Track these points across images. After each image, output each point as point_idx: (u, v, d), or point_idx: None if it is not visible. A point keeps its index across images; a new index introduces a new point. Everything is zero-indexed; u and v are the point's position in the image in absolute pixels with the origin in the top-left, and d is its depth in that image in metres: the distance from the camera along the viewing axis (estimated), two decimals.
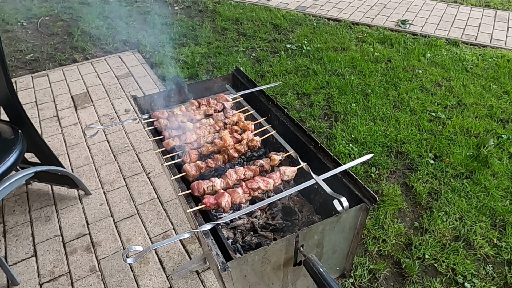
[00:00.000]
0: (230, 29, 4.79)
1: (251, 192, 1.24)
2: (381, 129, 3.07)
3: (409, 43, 4.36)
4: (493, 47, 4.29)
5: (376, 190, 2.53)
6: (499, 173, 2.62)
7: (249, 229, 1.45)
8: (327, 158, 1.34)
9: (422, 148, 2.86)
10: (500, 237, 2.22)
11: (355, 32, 4.67)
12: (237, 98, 1.72)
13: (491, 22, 4.86)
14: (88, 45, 4.47)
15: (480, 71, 3.81)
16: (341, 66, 3.90)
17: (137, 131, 3.12)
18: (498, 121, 3.15)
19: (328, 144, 2.96)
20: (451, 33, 4.60)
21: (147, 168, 2.75)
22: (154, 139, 1.52)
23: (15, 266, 2.09)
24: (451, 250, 2.14)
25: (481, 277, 2.02)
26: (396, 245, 2.20)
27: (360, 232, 1.25)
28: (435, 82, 3.68)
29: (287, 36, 4.61)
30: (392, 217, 2.34)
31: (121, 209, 2.43)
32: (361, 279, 2.02)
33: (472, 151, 2.81)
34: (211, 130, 1.55)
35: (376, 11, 5.22)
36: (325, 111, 3.35)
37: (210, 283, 2.00)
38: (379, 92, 3.51)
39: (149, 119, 1.61)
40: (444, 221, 2.30)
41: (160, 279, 2.01)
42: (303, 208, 1.55)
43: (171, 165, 1.37)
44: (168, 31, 4.72)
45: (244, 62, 4.04)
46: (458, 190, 2.50)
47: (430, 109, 3.29)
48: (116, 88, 3.72)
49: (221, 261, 0.97)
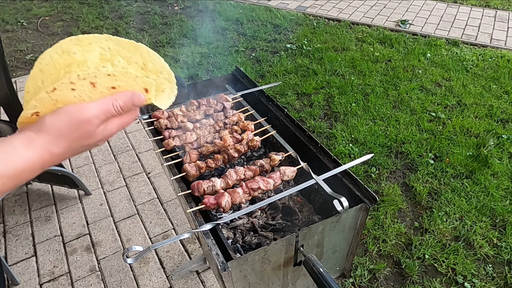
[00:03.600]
0: (230, 29, 4.79)
1: (251, 192, 1.23)
2: (381, 129, 3.07)
3: (409, 43, 4.36)
4: (493, 47, 4.29)
5: (376, 190, 2.53)
6: (499, 173, 2.62)
7: (249, 229, 1.45)
8: (327, 158, 1.34)
9: (422, 148, 2.86)
10: (500, 237, 2.22)
11: (355, 32, 4.67)
12: (237, 98, 1.72)
13: (491, 22, 4.86)
14: None
15: (480, 71, 3.81)
16: (341, 66, 3.90)
17: (137, 131, 3.12)
18: (498, 121, 3.15)
19: (328, 144, 2.96)
20: (451, 33, 4.60)
21: (147, 168, 2.75)
22: (154, 139, 1.52)
23: (15, 266, 2.09)
24: (451, 250, 2.14)
25: (481, 277, 2.02)
26: (396, 245, 2.20)
27: (360, 232, 1.25)
28: (435, 82, 3.68)
29: (287, 36, 4.61)
30: (392, 217, 2.34)
31: (121, 209, 2.43)
32: (361, 279, 2.02)
33: (472, 151, 2.81)
34: (211, 130, 1.55)
35: (376, 11, 5.22)
36: (325, 111, 3.35)
37: (210, 283, 1.99)
38: (379, 92, 3.51)
39: (149, 119, 1.61)
40: (444, 221, 2.30)
41: (160, 279, 2.01)
42: (303, 208, 1.55)
43: (171, 165, 1.37)
44: (168, 31, 4.72)
45: (244, 62, 4.04)
46: (458, 190, 2.50)
47: (430, 109, 3.29)
48: None
49: (221, 261, 0.97)
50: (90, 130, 0.54)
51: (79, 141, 0.55)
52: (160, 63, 0.63)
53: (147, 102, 0.61)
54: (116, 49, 0.60)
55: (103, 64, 0.60)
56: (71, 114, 0.53)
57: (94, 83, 0.55)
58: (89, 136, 0.55)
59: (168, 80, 0.64)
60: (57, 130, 0.52)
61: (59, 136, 0.52)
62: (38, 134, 0.52)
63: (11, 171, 0.49)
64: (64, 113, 0.53)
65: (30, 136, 0.52)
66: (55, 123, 0.52)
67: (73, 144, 0.54)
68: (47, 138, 0.52)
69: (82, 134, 0.54)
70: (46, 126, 0.52)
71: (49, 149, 0.52)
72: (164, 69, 0.64)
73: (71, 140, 0.54)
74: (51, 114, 0.53)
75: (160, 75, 0.63)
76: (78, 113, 0.53)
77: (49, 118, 0.53)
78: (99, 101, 0.55)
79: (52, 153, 0.53)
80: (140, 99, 0.58)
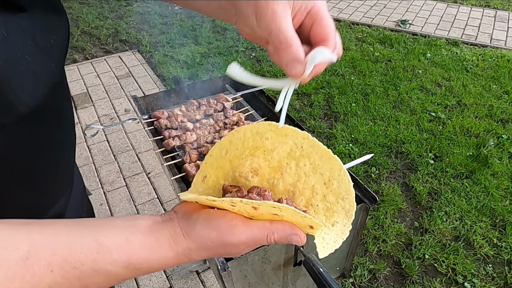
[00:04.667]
0: (230, 29, 4.79)
1: None
2: (381, 129, 3.07)
3: (409, 43, 4.36)
4: (493, 47, 4.29)
5: (376, 190, 2.53)
6: (499, 173, 2.62)
7: None
8: None
9: (422, 148, 2.86)
10: (500, 237, 2.22)
11: (355, 32, 4.67)
12: (237, 98, 1.72)
13: (491, 22, 4.86)
14: (88, 45, 4.47)
15: (480, 71, 3.81)
16: (341, 66, 3.90)
17: (137, 131, 3.12)
18: (498, 121, 3.15)
19: (328, 144, 2.96)
20: (451, 33, 4.60)
21: (147, 168, 2.75)
22: (154, 139, 1.52)
23: None
24: (451, 250, 2.14)
25: (481, 277, 2.02)
26: (396, 245, 2.20)
27: (360, 232, 1.25)
28: (435, 82, 3.68)
29: None
30: (392, 217, 2.34)
31: (121, 209, 2.43)
32: (361, 279, 2.02)
33: (472, 151, 2.81)
34: (211, 130, 1.55)
35: (376, 11, 5.22)
36: (325, 111, 3.35)
37: (210, 283, 2.00)
38: (379, 92, 3.51)
39: (149, 119, 1.61)
40: (444, 221, 2.30)
41: (160, 279, 2.01)
42: None
43: (171, 165, 1.37)
44: (168, 31, 4.72)
45: (244, 62, 4.04)
46: (458, 190, 2.50)
47: (430, 109, 3.29)
48: (116, 88, 3.72)
49: (221, 261, 0.97)
50: (234, 252, 0.52)
51: (218, 255, 0.53)
52: (347, 188, 0.53)
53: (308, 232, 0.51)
54: (308, 152, 0.54)
55: (288, 161, 0.55)
56: (221, 234, 0.49)
57: (256, 208, 0.48)
58: (230, 254, 0.53)
59: (346, 214, 0.52)
60: (203, 243, 0.50)
61: (202, 248, 0.50)
62: (186, 238, 0.49)
63: (146, 267, 0.47)
64: (216, 229, 0.49)
65: (177, 236, 0.49)
66: (203, 237, 0.49)
67: (211, 255, 0.52)
68: (192, 245, 0.49)
69: (224, 252, 0.52)
70: (195, 234, 0.49)
71: (189, 255, 0.50)
72: (348, 197, 0.53)
73: (212, 254, 0.52)
74: (203, 224, 0.50)
75: (339, 201, 0.53)
76: (228, 235, 0.49)
77: (200, 228, 0.50)
78: (254, 229, 0.50)
79: (189, 258, 0.51)
80: (299, 240, 0.50)
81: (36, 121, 0.52)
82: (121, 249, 0.44)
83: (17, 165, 0.53)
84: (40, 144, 0.56)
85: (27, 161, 0.54)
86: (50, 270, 0.40)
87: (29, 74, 0.47)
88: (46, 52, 0.49)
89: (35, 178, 0.58)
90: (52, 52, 0.51)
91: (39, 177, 0.59)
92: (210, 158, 0.57)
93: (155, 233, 0.47)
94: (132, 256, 0.45)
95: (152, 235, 0.47)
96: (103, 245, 0.43)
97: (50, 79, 0.51)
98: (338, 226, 0.51)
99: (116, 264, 0.44)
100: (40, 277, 0.40)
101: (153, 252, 0.47)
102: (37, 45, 0.47)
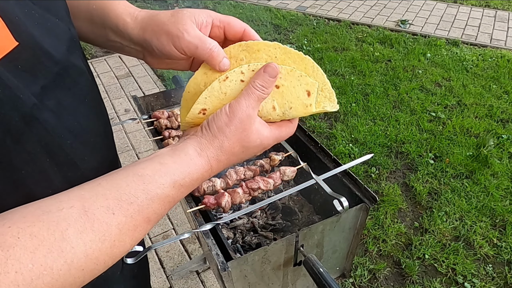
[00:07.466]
0: None
1: (251, 192, 1.23)
2: (381, 129, 3.07)
3: (409, 43, 4.36)
4: (493, 47, 4.29)
5: (376, 190, 2.53)
6: (499, 173, 2.62)
7: (249, 229, 1.45)
8: (327, 158, 1.34)
9: (422, 148, 2.86)
10: (500, 237, 2.22)
11: (355, 32, 4.67)
12: None
13: (491, 22, 4.86)
14: (88, 45, 4.47)
15: (480, 71, 3.81)
16: (341, 66, 3.90)
17: (137, 131, 3.12)
18: (498, 121, 3.15)
19: (328, 144, 2.96)
20: (451, 33, 4.60)
21: None
22: (154, 139, 1.52)
23: None
24: (451, 250, 2.14)
25: (481, 277, 2.02)
26: (396, 245, 2.20)
27: (360, 232, 1.25)
28: (435, 82, 3.68)
29: (287, 36, 4.61)
30: (392, 217, 2.34)
31: None
32: (361, 279, 2.02)
33: (472, 151, 2.81)
34: None
35: (376, 11, 5.22)
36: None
37: (210, 283, 2.00)
38: (379, 92, 3.51)
39: (149, 119, 1.61)
40: (444, 221, 2.30)
41: (160, 279, 2.01)
42: (303, 208, 1.55)
43: None
44: None
45: None
46: (458, 190, 2.50)
47: (430, 109, 3.30)
48: (116, 88, 3.72)
49: (221, 261, 0.97)
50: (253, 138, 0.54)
51: (241, 145, 0.54)
52: (323, 80, 0.60)
53: (308, 111, 0.59)
54: (282, 59, 0.58)
55: None
56: (239, 119, 0.52)
57: None
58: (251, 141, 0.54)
59: (329, 99, 0.61)
60: (225, 135, 0.52)
61: (226, 141, 0.52)
62: (208, 141, 0.51)
63: (189, 181, 0.49)
64: (232, 114, 0.52)
65: (203, 144, 0.51)
66: (223, 127, 0.52)
67: (235, 146, 0.53)
68: (215, 143, 0.51)
69: (245, 138, 0.53)
70: (214, 129, 0.52)
71: (217, 157, 0.52)
72: (325, 87, 0.60)
73: (236, 145, 0.53)
74: (225, 119, 0.52)
75: (320, 93, 0.60)
76: (245, 119, 0.52)
77: (218, 120, 0.52)
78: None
79: (218, 161, 0.52)
80: (275, 68, 0.54)
81: (69, 79, 0.51)
82: (161, 172, 0.47)
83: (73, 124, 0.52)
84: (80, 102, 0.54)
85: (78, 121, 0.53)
86: (112, 213, 0.42)
87: (43, 29, 0.46)
88: (46, 8, 0.48)
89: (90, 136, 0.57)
90: (52, 8, 0.50)
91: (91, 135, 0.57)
92: (188, 94, 0.59)
93: (180, 151, 0.50)
94: (173, 174, 0.48)
95: (179, 153, 0.50)
96: (145, 175, 0.46)
97: (63, 34, 0.50)
98: (327, 107, 0.60)
99: (164, 186, 0.46)
100: (107, 222, 0.41)
101: (187, 164, 0.49)
102: (35, 4, 0.46)
